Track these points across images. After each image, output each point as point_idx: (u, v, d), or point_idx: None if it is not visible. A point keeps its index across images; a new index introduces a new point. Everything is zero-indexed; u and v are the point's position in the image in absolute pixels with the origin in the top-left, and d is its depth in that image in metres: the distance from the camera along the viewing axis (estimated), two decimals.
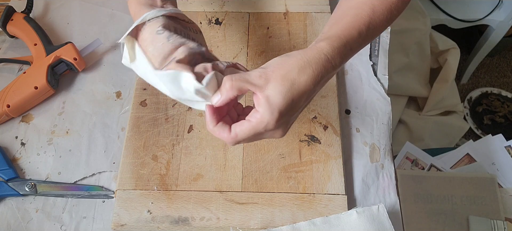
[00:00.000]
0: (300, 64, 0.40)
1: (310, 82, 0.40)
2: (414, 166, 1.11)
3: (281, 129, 0.41)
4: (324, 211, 0.55)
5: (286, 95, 0.39)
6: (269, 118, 0.39)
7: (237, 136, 0.40)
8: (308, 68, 0.40)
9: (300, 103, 0.40)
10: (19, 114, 0.64)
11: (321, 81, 0.41)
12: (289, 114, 0.40)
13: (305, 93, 0.40)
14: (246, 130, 0.40)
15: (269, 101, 0.38)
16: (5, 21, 0.69)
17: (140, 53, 0.44)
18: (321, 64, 0.40)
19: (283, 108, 0.39)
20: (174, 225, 0.54)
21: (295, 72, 0.39)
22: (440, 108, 1.36)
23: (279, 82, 0.39)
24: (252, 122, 0.40)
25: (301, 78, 0.39)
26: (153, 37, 0.44)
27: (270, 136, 0.42)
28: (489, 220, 0.91)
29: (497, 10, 1.37)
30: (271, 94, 0.39)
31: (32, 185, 0.57)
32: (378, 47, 0.72)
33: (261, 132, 0.40)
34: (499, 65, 1.75)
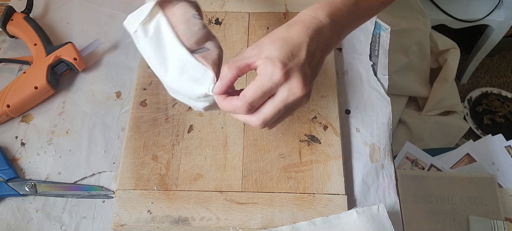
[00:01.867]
0: (286, 27, 0.41)
1: (302, 33, 0.40)
2: (414, 166, 1.11)
3: (295, 79, 0.39)
4: (324, 211, 0.55)
5: (282, 48, 0.39)
6: (271, 69, 0.38)
7: (245, 97, 0.39)
8: (294, 25, 0.41)
9: (301, 53, 0.40)
10: (19, 114, 0.64)
11: (316, 35, 0.41)
12: (295, 62, 0.39)
13: (301, 44, 0.40)
14: (254, 87, 0.39)
15: (267, 58, 0.39)
16: (5, 21, 0.69)
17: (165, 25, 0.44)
18: (307, 20, 0.41)
19: (282, 57, 0.39)
20: (174, 225, 0.54)
21: (283, 32, 0.41)
22: (440, 108, 1.37)
23: (271, 43, 0.40)
24: (257, 80, 0.39)
25: (291, 33, 0.40)
26: (188, 18, 0.44)
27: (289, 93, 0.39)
28: (489, 220, 0.92)
29: (497, 10, 1.37)
30: (267, 53, 0.39)
31: (32, 185, 0.57)
32: (378, 47, 0.72)
33: (270, 86, 0.39)
34: (499, 65, 1.75)
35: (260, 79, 0.39)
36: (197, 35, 0.44)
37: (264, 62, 0.39)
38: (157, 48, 0.45)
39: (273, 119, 0.41)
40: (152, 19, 0.45)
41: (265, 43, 0.41)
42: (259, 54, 0.40)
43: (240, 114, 0.42)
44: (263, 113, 0.40)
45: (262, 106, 0.41)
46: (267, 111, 0.40)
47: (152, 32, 0.45)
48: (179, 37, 0.44)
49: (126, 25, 0.46)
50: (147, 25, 0.45)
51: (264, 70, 0.39)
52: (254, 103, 0.40)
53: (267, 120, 0.41)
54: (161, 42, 0.45)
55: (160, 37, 0.45)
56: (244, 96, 0.39)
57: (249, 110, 0.40)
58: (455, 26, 1.39)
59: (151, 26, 0.45)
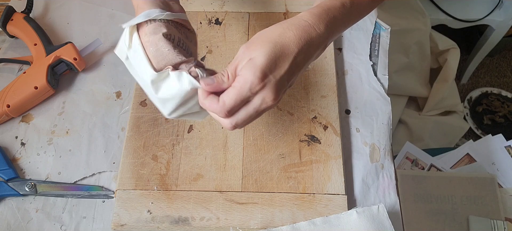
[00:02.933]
0: (280, 29, 0.41)
1: (292, 44, 0.40)
2: (414, 166, 1.11)
3: (269, 90, 0.40)
4: (324, 211, 0.55)
5: (269, 55, 0.39)
6: (252, 78, 0.39)
7: (225, 104, 0.40)
8: (289, 31, 0.40)
9: (284, 64, 0.40)
10: (19, 114, 0.64)
11: (306, 47, 0.41)
12: (275, 74, 0.40)
13: (288, 56, 0.40)
14: (232, 95, 0.40)
15: (251, 62, 0.39)
16: (5, 21, 0.69)
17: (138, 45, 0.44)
18: (302, 28, 0.41)
19: (265, 66, 0.39)
20: (174, 225, 0.54)
21: (276, 34, 0.40)
22: (440, 108, 1.37)
23: (260, 46, 0.40)
24: (236, 86, 0.40)
25: (283, 40, 0.40)
26: (158, 38, 0.44)
27: (262, 102, 0.40)
28: (489, 220, 0.92)
29: (497, 10, 1.37)
30: (253, 55, 0.39)
31: (32, 185, 0.57)
32: (378, 47, 0.72)
33: (247, 95, 0.39)
34: (499, 65, 1.75)
35: (240, 86, 0.39)
36: (167, 57, 0.43)
37: (246, 66, 0.39)
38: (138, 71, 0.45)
39: (244, 123, 0.42)
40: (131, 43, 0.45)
41: (254, 42, 0.41)
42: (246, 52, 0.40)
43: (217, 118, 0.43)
44: (236, 118, 0.41)
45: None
46: (240, 116, 0.41)
47: (131, 56, 0.45)
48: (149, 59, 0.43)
49: (118, 54, 0.46)
50: (130, 50, 0.45)
51: (244, 78, 0.39)
52: (232, 111, 0.41)
53: (239, 123, 0.42)
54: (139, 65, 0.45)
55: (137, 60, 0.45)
56: (224, 103, 0.40)
57: (226, 115, 0.41)
58: (455, 26, 1.39)
59: (131, 51, 0.45)
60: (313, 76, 0.66)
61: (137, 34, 0.45)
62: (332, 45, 0.69)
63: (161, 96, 0.44)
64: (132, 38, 0.45)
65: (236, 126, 0.42)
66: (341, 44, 0.72)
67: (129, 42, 0.45)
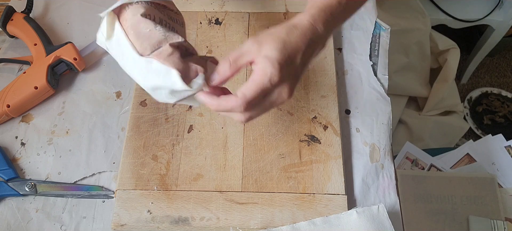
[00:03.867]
0: (287, 28, 0.42)
1: (300, 41, 0.41)
2: (414, 166, 1.11)
3: (286, 83, 0.41)
4: (324, 211, 0.55)
5: (282, 51, 0.40)
6: (271, 69, 0.39)
7: (245, 97, 0.40)
8: (295, 30, 0.42)
9: (296, 60, 0.41)
10: (19, 114, 0.64)
11: (311, 44, 0.42)
12: (290, 68, 0.40)
13: (298, 51, 0.41)
14: (253, 87, 0.39)
15: (267, 57, 0.39)
16: (5, 21, 0.69)
17: (121, 33, 0.43)
18: (306, 28, 0.42)
19: (281, 60, 0.40)
20: (174, 225, 0.54)
21: (284, 33, 0.41)
22: (440, 108, 1.36)
23: (272, 42, 0.40)
24: (256, 78, 0.40)
25: (291, 38, 0.41)
26: (137, 20, 0.43)
27: (278, 96, 0.41)
28: (489, 220, 0.92)
29: (497, 10, 1.37)
30: (267, 53, 0.40)
31: (32, 185, 0.57)
32: (378, 47, 0.72)
33: (268, 87, 0.40)
34: (499, 65, 1.75)
35: (260, 79, 0.39)
36: (149, 37, 0.42)
37: (264, 61, 0.39)
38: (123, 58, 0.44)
39: (258, 115, 0.42)
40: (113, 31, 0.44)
41: (265, 40, 0.41)
42: (258, 51, 0.40)
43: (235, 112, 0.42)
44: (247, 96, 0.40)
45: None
46: (257, 110, 0.42)
47: (115, 45, 0.44)
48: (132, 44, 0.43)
49: (99, 44, 0.46)
50: (112, 38, 0.44)
51: (264, 70, 0.39)
52: (253, 103, 0.40)
53: (253, 117, 0.42)
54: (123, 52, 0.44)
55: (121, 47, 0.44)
56: (243, 95, 0.40)
57: (246, 108, 0.40)
58: (455, 26, 1.39)
59: (114, 39, 0.44)
60: (313, 76, 0.66)
61: (118, 22, 0.44)
62: (332, 45, 0.69)
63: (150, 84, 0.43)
64: (114, 27, 0.44)
65: (251, 118, 0.42)
66: (341, 44, 0.72)
67: (107, 32, 0.44)
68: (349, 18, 0.49)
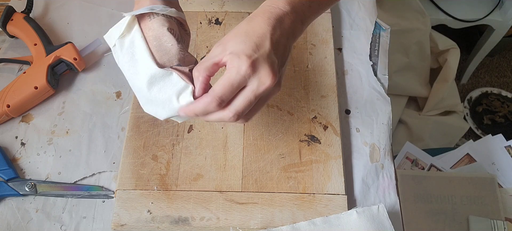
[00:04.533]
0: (247, 20, 0.42)
1: (263, 25, 0.41)
2: (414, 166, 1.11)
3: (263, 70, 0.40)
4: (324, 211, 0.55)
5: (246, 41, 0.40)
6: (237, 61, 0.39)
7: (214, 92, 0.40)
8: (255, 18, 0.42)
9: (265, 44, 0.40)
10: (19, 114, 0.64)
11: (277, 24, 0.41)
12: (260, 54, 0.40)
13: (264, 34, 0.40)
14: (221, 81, 0.39)
15: (233, 53, 0.40)
16: (5, 21, 0.69)
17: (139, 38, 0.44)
18: (265, 11, 0.42)
19: (247, 50, 0.39)
20: (174, 225, 0.54)
21: (244, 26, 0.41)
22: (440, 108, 1.37)
23: (234, 37, 0.41)
24: (225, 74, 0.40)
25: (252, 26, 0.41)
26: (163, 32, 0.44)
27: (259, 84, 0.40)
28: (489, 220, 0.92)
29: (497, 10, 1.37)
30: (232, 49, 0.40)
31: (32, 185, 0.57)
32: (378, 47, 0.72)
33: (238, 80, 0.39)
34: (499, 65, 1.75)
35: (228, 73, 0.39)
36: (170, 52, 0.44)
37: (231, 57, 0.40)
38: (131, 62, 0.45)
39: (245, 110, 0.41)
40: (129, 33, 0.45)
41: (228, 39, 0.41)
42: (223, 51, 0.41)
43: (213, 114, 0.42)
44: (235, 105, 0.41)
45: (233, 99, 0.41)
46: (238, 103, 0.41)
47: (127, 45, 0.45)
48: (152, 53, 0.44)
49: (107, 39, 0.46)
50: (124, 38, 0.45)
51: (231, 64, 0.39)
52: (223, 97, 0.40)
53: (239, 111, 0.41)
54: (135, 57, 0.45)
55: (134, 51, 0.45)
56: (213, 91, 0.40)
57: (219, 104, 0.40)
58: (455, 26, 1.39)
59: (127, 40, 0.45)
60: (313, 76, 0.66)
61: (138, 26, 0.44)
62: (332, 45, 0.69)
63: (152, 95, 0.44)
64: (131, 28, 0.45)
65: (238, 114, 0.41)
66: (341, 44, 0.72)
67: (124, 30, 0.44)
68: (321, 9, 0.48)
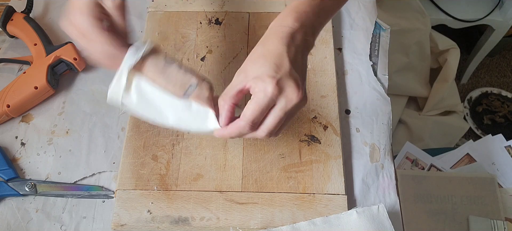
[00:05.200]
0: (261, 44, 0.44)
1: (278, 45, 0.42)
2: (414, 166, 1.11)
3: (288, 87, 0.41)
4: (324, 211, 0.55)
5: (266, 64, 0.41)
6: (264, 85, 0.40)
7: (246, 117, 0.41)
8: (269, 40, 0.43)
9: (283, 62, 0.41)
10: (19, 114, 0.64)
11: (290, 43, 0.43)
12: (282, 73, 0.41)
13: (281, 54, 0.42)
14: (251, 106, 0.41)
15: (257, 77, 0.41)
16: (5, 21, 0.69)
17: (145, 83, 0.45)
18: (276, 31, 0.43)
19: (270, 72, 0.41)
20: (174, 225, 0.54)
21: (260, 49, 0.43)
22: (440, 108, 1.37)
23: (254, 63, 0.42)
24: (253, 99, 0.41)
25: (268, 48, 0.42)
26: (162, 67, 0.45)
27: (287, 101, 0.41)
28: (489, 220, 0.92)
29: (497, 10, 1.37)
30: (254, 73, 0.41)
31: (32, 185, 0.57)
32: (378, 47, 0.72)
33: (266, 102, 0.41)
34: (499, 65, 1.75)
35: (256, 97, 0.41)
36: (178, 79, 0.45)
37: (255, 82, 0.41)
38: (148, 108, 0.46)
39: (276, 128, 0.43)
40: (131, 85, 0.46)
41: (248, 65, 0.43)
42: (246, 77, 0.42)
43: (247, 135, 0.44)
44: (267, 125, 0.43)
45: (264, 119, 0.43)
46: (270, 123, 0.42)
47: (135, 97, 0.46)
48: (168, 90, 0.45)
49: (110, 101, 0.47)
50: (130, 92, 0.46)
51: (257, 88, 0.41)
52: (255, 120, 0.42)
53: (271, 130, 0.43)
54: (150, 102, 0.46)
55: (147, 98, 0.46)
56: (245, 116, 0.42)
57: (252, 127, 0.42)
58: (455, 26, 1.39)
59: (132, 92, 0.46)
60: (313, 76, 0.66)
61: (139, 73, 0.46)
62: (332, 45, 0.69)
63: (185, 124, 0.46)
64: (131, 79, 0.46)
65: (270, 133, 0.43)
66: (341, 44, 0.72)
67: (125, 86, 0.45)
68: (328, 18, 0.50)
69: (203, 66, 0.67)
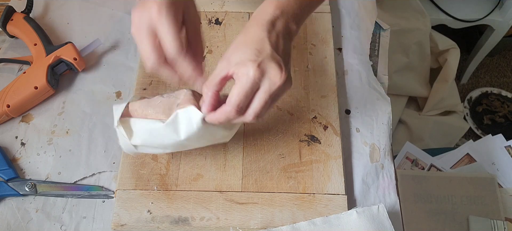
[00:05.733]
0: (243, 32, 0.45)
1: (258, 31, 0.43)
2: (414, 166, 1.11)
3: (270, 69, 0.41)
4: (324, 211, 0.55)
5: (247, 50, 0.42)
6: (246, 69, 0.41)
7: (231, 102, 0.42)
8: (250, 28, 0.44)
9: (264, 47, 0.42)
10: (19, 114, 0.64)
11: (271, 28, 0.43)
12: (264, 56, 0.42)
13: (262, 39, 0.42)
14: (236, 91, 0.42)
15: (239, 63, 0.42)
16: (5, 21, 0.69)
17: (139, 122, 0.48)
18: (257, 19, 0.44)
19: (251, 56, 0.41)
20: (174, 225, 0.54)
21: (242, 37, 0.44)
22: (440, 108, 1.37)
23: (236, 51, 0.43)
24: (236, 84, 0.42)
25: (249, 35, 0.43)
26: (147, 103, 0.49)
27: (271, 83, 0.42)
28: (489, 220, 0.92)
29: (497, 10, 1.37)
30: (236, 59, 0.42)
31: (32, 185, 0.57)
32: (378, 47, 0.72)
33: (250, 85, 0.41)
34: (499, 65, 1.75)
35: (239, 82, 0.42)
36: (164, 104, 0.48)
37: (237, 67, 0.42)
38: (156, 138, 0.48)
39: (263, 110, 0.44)
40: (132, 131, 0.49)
41: (230, 53, 0.44)
42: (229, 64, 0.43)
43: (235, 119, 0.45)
44: (253, 109, 0.43)
45: (250, 103, 0.44)
46: (256, 106, 0.43)
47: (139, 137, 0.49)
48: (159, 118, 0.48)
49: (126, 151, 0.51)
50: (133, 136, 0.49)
51: (240, 73, 0.42)
52: (241, 105, 0.43)
53: (258, 113, 0.44)
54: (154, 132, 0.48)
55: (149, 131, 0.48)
56: (230, 101, 0.42)
57: (238, 112, 0.43)
58: (455, 26, 1.39)
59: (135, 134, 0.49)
60: (313, 76, 0.66)
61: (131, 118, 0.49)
62: (332, 45, 0.69)
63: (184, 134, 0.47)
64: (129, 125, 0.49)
65: (257, 115, 0.44)
66: (341, 44, 0.72)
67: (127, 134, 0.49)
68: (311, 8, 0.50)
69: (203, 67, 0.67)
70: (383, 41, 0.72)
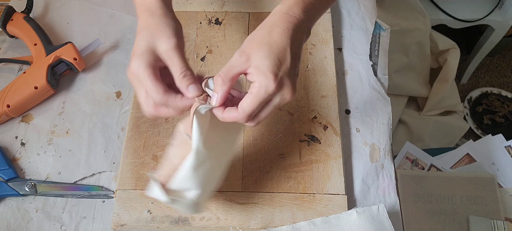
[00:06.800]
0: (267, 29, 0.43)
1: (284, 37, 0.42)
2: (414, 166, 1.11)
3: (286, 86, 0.42)
4: (324, 211, 0.55)
5: (270, 56, 0.41)
6: (266, 82, 0.41)
7: (244, 111, 0.42)
8: (275, 28, 0.43)
9: (286, 59, 0.42)
10: (19, 114, 0.64)
11: (295, 35, 0.43)
12: (283, 70, 0.42)
13: (285, 49, 0.42)
14: (250, 101, 0.41)
15: (259, 68, 0.41)
16: (5, 21, 0.69)
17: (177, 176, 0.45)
18: (284, 20, 0.43)
19: (273, 67, 0.41)
20: (174, 225, 0.54)
21: (266, 36, 0.43)
22: (440, 108, 1.36)
23: (258, 50, 0.42)
24: (253, 92, 0.42)
25: (274, 38, 0.42)
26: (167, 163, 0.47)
27: (281, 99, 0.43)
28: (489, 220, 0.92)
29: (497, 10, 1.37)
30: (257, 63, 0.41)
31: (32, 185, 0.57)
32: (378, 47, 0.72)
33: (265, 98, 0.41)
34: (499, 65, 1.75)
35: (256, 91, 0.41)
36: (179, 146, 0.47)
37: (257, 73, 0.41)
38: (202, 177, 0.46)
39: (265, 119, 0.44)
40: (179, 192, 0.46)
41: (251, 49, 0.42)
42: (247, 62, 0.42)
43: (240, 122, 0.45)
44: (259, 118, 0.44)
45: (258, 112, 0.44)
46: (262, 116, 0.44)
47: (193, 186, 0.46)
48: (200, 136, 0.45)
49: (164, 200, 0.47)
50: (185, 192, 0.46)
51: (259, 84, 0.41)
52: (252, 114, 0.42)
53: (261, 120, 0.44)
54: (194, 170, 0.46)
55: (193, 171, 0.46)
56: (243, 109, 0.42)
57: (247, 119, 0.43)
58: (455, 26, 1.39)
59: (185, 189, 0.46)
60: (313, 76, 0.66)
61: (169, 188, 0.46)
62: (332, 45, 0.69)
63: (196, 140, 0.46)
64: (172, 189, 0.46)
65: (259, 122, 0.45)
66: (341, 44, 0.72)
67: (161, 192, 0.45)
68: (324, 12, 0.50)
69: (203, 66, 0.67)
70: (383, 41, 0.72)
